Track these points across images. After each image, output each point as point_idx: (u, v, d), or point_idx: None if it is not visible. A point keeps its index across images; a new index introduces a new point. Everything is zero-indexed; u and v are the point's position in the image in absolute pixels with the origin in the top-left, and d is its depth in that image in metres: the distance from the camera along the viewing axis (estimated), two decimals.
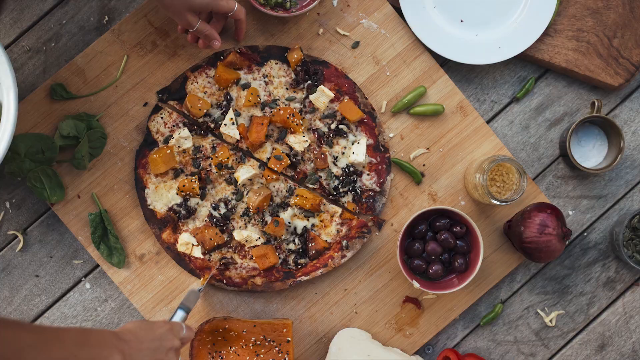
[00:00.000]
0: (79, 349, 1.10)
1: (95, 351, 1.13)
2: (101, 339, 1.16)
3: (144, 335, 1.26)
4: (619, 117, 1.61)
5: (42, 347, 1.03)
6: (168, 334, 1.31)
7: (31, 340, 1.01)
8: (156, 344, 1.27)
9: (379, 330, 1.57)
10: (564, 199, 1.60)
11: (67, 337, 1.09)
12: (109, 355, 1.16)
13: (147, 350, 1.24)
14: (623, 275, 1.60)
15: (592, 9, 1.57)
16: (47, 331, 1.07)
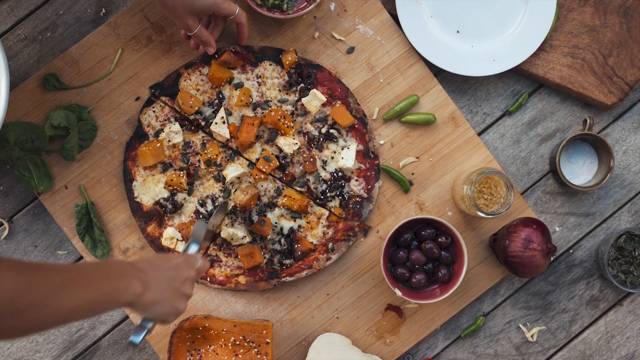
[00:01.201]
0: (101, 282, 1.10)
1: (116, 282, 1.14)
2: (119, 270, 1.16)
3: (160, 264, 1.25)
4: (610, 135, 1.61)
5: (72, 285, 1.04)
6: (183, 265, 1.29)
7: (61, 281, 1.02)
8: (172, 273, 1.26)
9: (359, 337, 1.56)
10: (551, 214, 1.60)
11: (90, 273, 1.09)
12: (129, 284, 1.16)
13: (164, 279, 1.24)
14: (607, 294, 1.60)
15: (589, 26, 1.57)
16: (72, 270, 1.07)
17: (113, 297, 1.12)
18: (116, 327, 1.58)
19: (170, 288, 1.24)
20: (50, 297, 0.99)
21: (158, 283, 1.22)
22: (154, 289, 1.20)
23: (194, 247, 1.40)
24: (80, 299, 1.05)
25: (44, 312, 0.99)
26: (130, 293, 1.15)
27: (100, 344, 1.57)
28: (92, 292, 1.07)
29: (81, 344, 1.57)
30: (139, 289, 1.17)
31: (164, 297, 1.23)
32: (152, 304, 1.21)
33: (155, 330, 1.55)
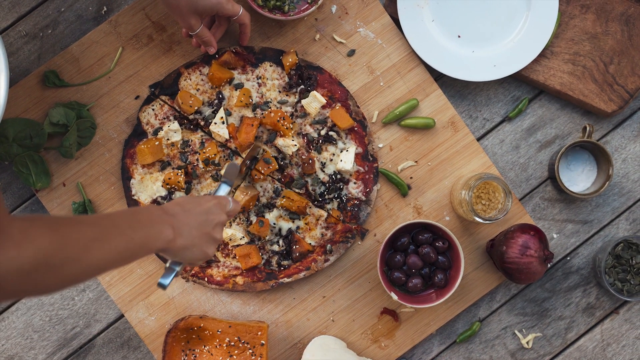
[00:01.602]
0: (133, 231, 1.10)
1: (148, 230, 1.13)
2: (150, 217, 1.16)
3: (192, 209, 1.24)
4: (610, 143, 1.60)
5: (104, 237, 1.03)
6: (215, 208, 1.28)
7: (93, 234, 1.02)
8: (203, 217, 1.25)
9: (354, 340, 1.56)
10: (549, 221, 1.59)
11: (121, 223, 1.09)
12: (161, 231, 1.16)
13: (195, 224, 1.23)
14: (603, 302, 1.59)
15: (590, 33, 1.57)
16: (103, 221, 1.07)
17: (145, 245, 1.12)
18: (111, 326, 1.57)
19: (201, 233, 1.24)
20: (83, 251, 0.99)
21: (189, 229, 1.21)
22: (185, 234, 1.20)
23: (225, 188, 1.39)
24: (113, 251, 1.05)
25: (78, 267, 0.99)
26: (162, 240, 1.15)
27: (95, 342, 1.57)
28: (124, 242, 1.07)
29: (76, 341, 1.57)
30: (171, 235, 1.17)
31: (195, 242, 1.22)
32: (183, 249, 1.21)
33: (150, 329, 1.55)
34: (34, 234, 0.91)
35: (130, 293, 1.55)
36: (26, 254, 0.88)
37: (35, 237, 0.91)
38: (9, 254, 0.86)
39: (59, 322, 1.57)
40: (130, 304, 1.55)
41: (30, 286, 0.92)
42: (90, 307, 1.57)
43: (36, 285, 0.93)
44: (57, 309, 1.57)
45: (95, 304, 1.57)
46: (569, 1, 1.57)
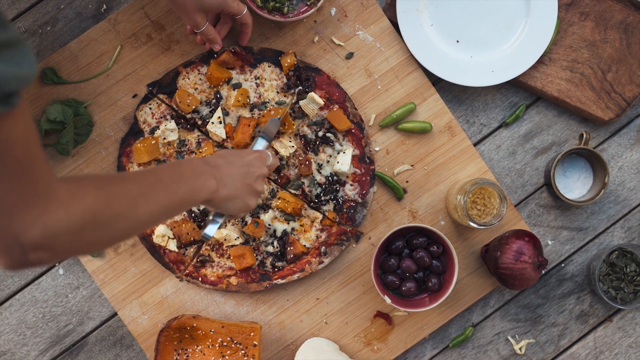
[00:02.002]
0: (177, 185, 1.11)
1: (191, 183, 1.14)
2: (193, 169, 1.17)
3: (234, 161, 1.26)
4: (606, 151, 1.60)
5: (149, 193, 1.05)
6: (256, 161, 1.30)
7: (138, 190, 1.03)
8: (245, 169, 1.26)
9: (347, 343, 1.56)
10: (544, 228, 1.59)
11: (165, 177, 1.10)
12: (204, 182, 1.17)
13: (237, 175, 1.24)
14: (597, 310, 1.59)
15: (589, 41, 1.58)
16: (147, 177, 1.08)
17: (190, 197, 1.13)
18: (104, 324, 1.57)
19: (243, 185, 1.25)
20: (130, 207, 1.00)
21: (232, 180, 1.23)
22: (228, 185, 1.21)
23: (263, 142, 1.43)
24: (159, 205, 1.06)
25: (126, 222, 1.00)
26: (205, 191, 1.16)
27: (88, 340, 1.57)
28: (169, 196, 1.08)
29: (69, 339, 1.57)
30: (214, 187, 1.18)
31: (237, 194, 1.24)
32: (226, 199, 1.22)
33: (143, 328, 1.55)
34: (81, 194, 0.92)
35: (124, 291, 1.55)
36: (75, 213, 0.90)
37: (82, 197, 0.92)
38: (58, 215, 0.88)
39: (52, 319, 1.57)
40: (123, 302, 1.55)
41: (81, 244, 0.94)
42: (83, 304, 1.57)
43: (86, 243, 0.95)
44: (50, 306, 1.57)
45: (89, 302, 1.57)
46: (568, 8, 1.57)
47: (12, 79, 0.79)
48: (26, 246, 0.87)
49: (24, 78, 0.81)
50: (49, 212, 0.87)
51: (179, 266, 1.54)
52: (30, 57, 0.82)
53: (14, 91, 0.80)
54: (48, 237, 0.88)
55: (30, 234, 0.86)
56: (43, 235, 0.87)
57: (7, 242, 0.86)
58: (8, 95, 0.79)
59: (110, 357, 1.57)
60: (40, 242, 0.87)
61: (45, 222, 0.87)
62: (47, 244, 0.88)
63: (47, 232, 0.87)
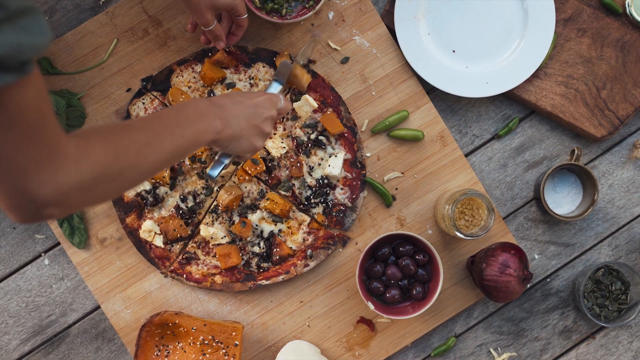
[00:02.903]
0: (183, 129, 1.10)
1: (197, 125, 1.14)
2: (197, 111, 1.16)
3: (242, 101, 1.25)
4: (597, 168, 1.60)
5: (156, 140, 1.05)
6: (265, 102, 1.29)
7: (145, 138, 1.03)
8: (252, 110, 1.25)
9: (329, 347, 1.56)
10: (531, 242, 1.59)
11: (170, 123, 1.10)
12: (209, 123, 1.16)
13: (244, 116, 1.23)
14: (580, 326, 1.59)
15: (585, 57, 1.58)
16: (152, 124, 1.08)
17: (195, 140, 1.13)
18: (87, 316, 1.57)
19: (250, 125, 1.24)
20: (138, 157, 1.01)
21: (237, 120, 1.22)
22: (233, 125, 1.21)
23: (277, 86, 1.41)
24: (166, 151, 1.06)
25: (136, 173, 1.01)
26: (210, 132, 1.16)
27: (70, 331, 1.57)
28: (176, 141, 1.08)
29: (51, 329, 1.57)
30: (219, 127, 1.17)
31: (243, 133, 1.23)
32: (231, 139, 1.22)
33: (126, 322, 1.55)
34: (90, 150, 0.94)
35: (108, 284, 1.55)
36: (86, 169, 0.92)
37: (91, 152, 0.94)
38: (70, 172, 0.91)
39: (35, 308, 1.56)
40: (107, 295, 1.55)
41: (92, 198, 0.96)
42: (67, 296, 1.57)
43: (97, 196, 0.97)
44: (34, 296, 1.56)
45: (73, 293, 1.57)
46: (565, 24, 1.58)
47: (27, 47, 0.80)
48: (39, 203, 0.90)
49: (38, 46, 0.82)
50: (61, 170, 0.90)
51: (164, 262, 1.54)
52: (44, 25, 0.83)
53: (28, 59, 0.82)
54: (61, 194, 0.91)
55: (43, 191, 0.89)
56: (56, 193, 0.90)
57: (22, 199, 0.90)
58: (23, 64, 0.81)
59: (91, 349, 1.57)
60: (53, 199, 0.90)
61: (57, 180, 0.90)
62: (59, 200, 0.91)
63: (59, 190, 0.90)
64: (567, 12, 1.57)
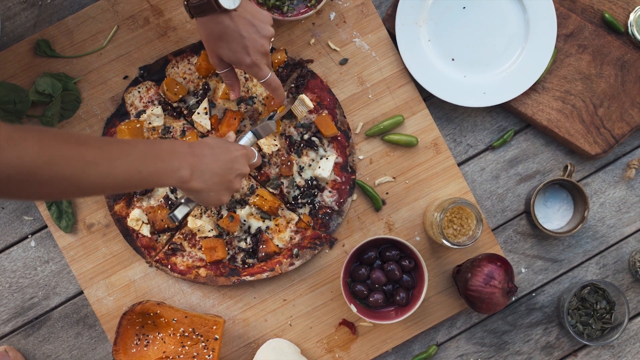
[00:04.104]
0: (143, 163, 1.08)
1: (163, 165, 1.12)
2: (172, 151, 1.14)
3: (220, 154, 1.23)
4: (590, 186, 1.60)
5: (105, 163, 1.02)
6: (242, 159, 1.28)
7: (94, 157, 1.00)
8: (229, 165, 1.24)
9: (309, 347, 1.55)
10: (519, 255, 1.59)
11: (133, 152, 1.07)
12: (178, 169, 1.14)
13: (219, 170, 1.22)
14: (563, 343, 1.58)
15: (584, 74, 1.57)
16: (112, 147, 1.05)
17: (155, 180, 1.11)
18: (70, 301, 1.57)
19: (222, 181, 1.23)
20: (79, 173, 0.98)
21: (211, 175, 1.21)
22: (205, 179, 1.20)
23: (252, 139, 1.41)
24: (113, 178, 1.03)
25: (71, 187, 0.98)
26: (175, 179, 1.14)
27: (52, 315, 1.57)
28: (129, 172, 1.05)
29: (32, 311, 1.57)
30: (186, 176, 1.16)
31: (213, 188, 1.22)
32: (198, 191, 1.21)
33: (107, 309, 1.54)
34: (21, 145, 0.91)
35: (93, 270, 1.54)
36: (6, 160, 0.89)
37: (20, 148, 0.90)
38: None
39: (19, 290, 1.56)
40: (91, 281, 1.54)
41: (10, 192, 0.93)
42: (51, 279, 1.56)
43: (17, 193, 0.94)
44: (18, 277, 1.56)
45: (57, 277, 1.56)
46: (567, 39, 1.57)
47: None
48: None
49: None
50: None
51: (150, 252, 1.54)
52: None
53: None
54: None
55: None
56: None
57: None
58: None
59: (71, 334, 1.57)
60: None
61: None
62: None
63: None
64: (568, 28, 1.57)
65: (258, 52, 1.31)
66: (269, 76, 1.36)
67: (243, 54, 1.30)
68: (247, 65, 1.32)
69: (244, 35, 1.28)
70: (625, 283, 1.59)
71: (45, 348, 1.56)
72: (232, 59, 1.32)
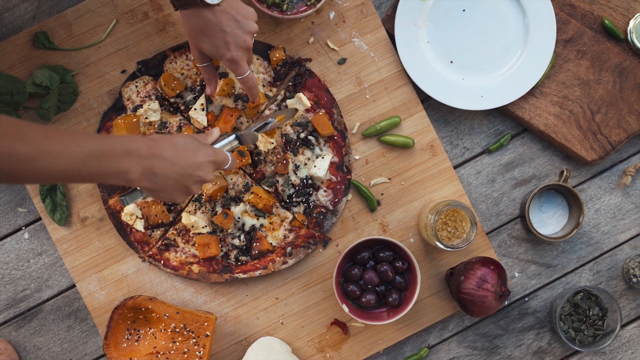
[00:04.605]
0: (84, 164, 1.03)
1: (107, 166, 1.07)
2: (124, 152, 1.09)
3: (182, 159, 1.17)
4: (585, 191, 1.60)
5: (39, 160, 0.98)
6: (207, 166, 1.22)
7: (26, 155, 0.97)
8: (190, 171, 1.19)
9: (300, 346, 1.55)
10: (513, 259, 1.58)
11: (76, 151, 1.02)
12: (126, 171, 1.10)
13: (176, 176, 1.17)
14: (554, 348, 1.58)
15: (582, 79, 1.57)
16: (52, 143, 1.00)
17: (97, 177, 1.07)
18: (62, 294, 1.57)
19: (177, 185, 1.19)
20: (4, 168, 0.95)
21: (165, 180, 1.16)
22: (155, 181, 1.15)
23: (233, 143, 1.35)
24: (47, 174, 1.01)
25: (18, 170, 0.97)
26: (120, 179, 1.10)
27: (44, 307, 1.56)
28: (64, 170, 1.02)
29: (25, 303, 1.56)
30: (133, 176, 1.11)
31: (163, 190, 1.18)
32: (147, 189, 1.17)
33: (99, 303, 1.54)
34: None
35: (86, 264, 1.54)
36: None
37: None
38: None
39: (11, 281, 1.56)
40: (83, 274, 1.54)
41: None
42: (44, 271, 1.56)
43: None
44: (10, 269, 1.56)
45: (50, 270, 1.56)
46: (566, 44, 1.57)
47: None
48: None
49: None
50: None
51: (143, 246, 1.54)
52: None
53: None
54: None
55: None
56: None
57: None
58: None
59: (62, 327, 1.56)
60: None
61: None
62: None
63: None
64: (568, 33, 1.57)
65: (239, 47, 1.32)
66: (247, 74, 1.36)
67: (224, 48, 1.31)
68: (227, 59, 1.32)
69: (226, 30, 1.29)
70: (618, 290, 1.59)
71: (36, 340, 1.56)
72: (212, 53, 1.32)
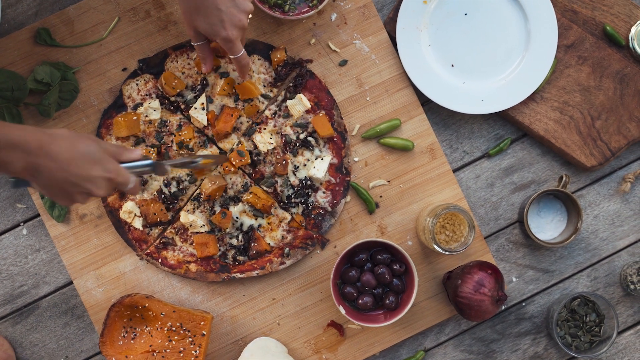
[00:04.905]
0: None
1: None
2: (11, 145, 1.05)
3: (74, 167, 1.12)
4: (584, 197, 1.60)
5: None
6: (101, 182, 1.16)
7: None
8: (76, 181, 1.13)
9: (296, 347, 1.55)
10: (511, 264, 1.58)
11: None
12: (9, 162, 1.06)
13: (59, 180, 1.12)
14: (551, 354, 1.58)
15: (583, 85, 1.57)
16: None
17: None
18: (59, 290, 1.57)
19: (61, 190, 1.14)
20: None
21: (48, 180, 1.11)
22: (38, 178, 1.11)
23: (146, 168, 1.26)
24: None
25: None
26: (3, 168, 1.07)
27: (41, 304, 1.56)
28: None
29: (21, 299, 1.56)
30: (16, 170, 1.08)
31: (46, 189, 1.14)
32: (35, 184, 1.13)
33: (96, 300, 1.54)
34: None
35: (83, 261, 1.54)
36: None
37: None
38: None
39: (9, 277, 1.56)
40: (81, 271, 1.54)
41: None
42: (42, 268, 1.56)
43: None
44: (8, 265, 1.56)
45: (47, 266, 1.56)
46: (567, 50, 1.57)
47: None
48: None
49: None
50: None
51: (141, 245, 1.54)
52: None
53: None
54: None
55: None
56: None
57: None
58: None
59: (59, 324, 1.56)
60: None
61: None
62: None
63: None
64: (569, 39, 1.57)
65: (235, 26, 1.32)
66: (241, 53, 1.37)
67: (219, 27, 1.31)
68: (222, 38, 1.33)
69: (222, 8, 1.29)
70: (615, 296, 1.59)
71: (33, 337, 1.56)
72: (208, 31, 1.32)
